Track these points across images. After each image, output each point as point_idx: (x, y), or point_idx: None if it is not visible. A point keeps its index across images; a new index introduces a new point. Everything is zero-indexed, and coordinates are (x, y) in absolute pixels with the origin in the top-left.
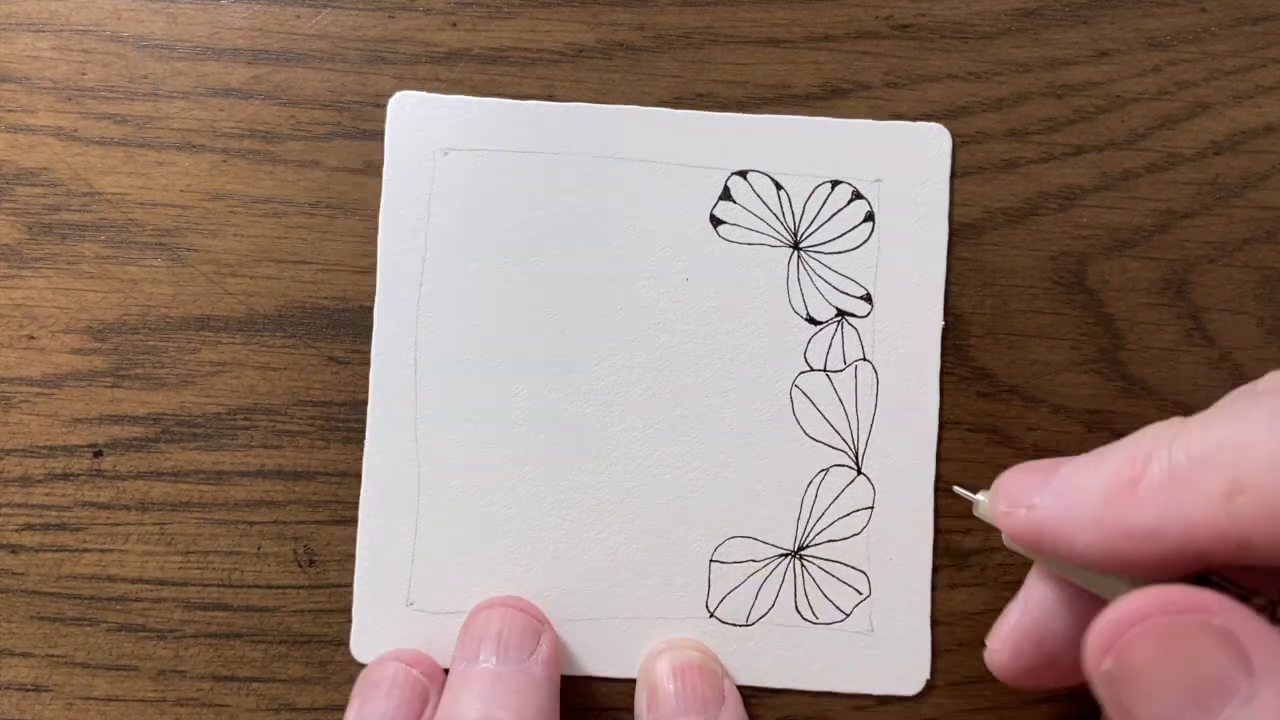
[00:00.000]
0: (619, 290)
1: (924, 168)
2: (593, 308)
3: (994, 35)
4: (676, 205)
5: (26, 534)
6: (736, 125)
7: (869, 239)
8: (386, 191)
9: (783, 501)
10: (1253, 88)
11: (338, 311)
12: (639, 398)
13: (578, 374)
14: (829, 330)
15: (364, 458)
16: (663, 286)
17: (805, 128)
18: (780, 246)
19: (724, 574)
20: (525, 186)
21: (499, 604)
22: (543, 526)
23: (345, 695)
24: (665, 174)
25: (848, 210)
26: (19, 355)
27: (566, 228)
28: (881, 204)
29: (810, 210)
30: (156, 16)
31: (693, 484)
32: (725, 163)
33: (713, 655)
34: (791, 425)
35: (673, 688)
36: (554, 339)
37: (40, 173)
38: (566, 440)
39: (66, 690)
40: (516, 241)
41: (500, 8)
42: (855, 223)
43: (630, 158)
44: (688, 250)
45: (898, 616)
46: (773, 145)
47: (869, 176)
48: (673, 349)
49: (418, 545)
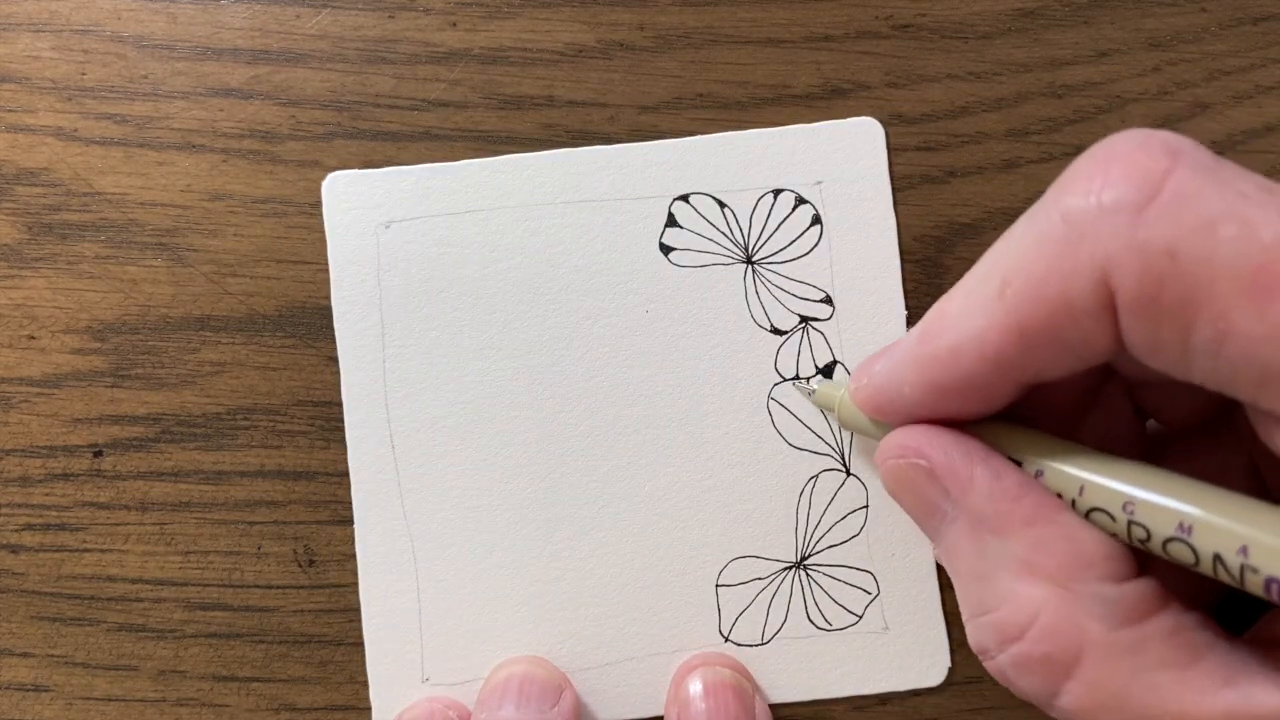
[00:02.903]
0: (581, 333)
1: (862, 163)
2: (558, 355)
3: (994, 35)
4: (625, 239)
5: (26, 534)
6: (672, 151)
7: (820, 242)
8: (335, 276)
9: (778, 515)
10: (1253, 88)
11: None
12: (619, 436)
13: (554, 423)
14: (795, 338)
15: (355, 540)
16: (624, 322)
17: (740, 142)
18: (734, 263)
19: (732, 597)
20: (471, 246)
21: (520, 660)
22: (545, 580)
23: (345, 695)
24: (609, 210)
25: (794, 217)
26: (19, 355)
27: (519, 280)
28: (826, 205)
29: (757, 222)
30: (156, 16)
31: (686, 513)
32: (666, 189)
33: (745, 673)
34: (774, 438)
35: (704, 706)
36: (524, 392)
37: (40, 173)
38: (554, 491)
39: (66, 690)
40: (472, 302)
41: (500, 8)
42: (803, 228)
43: (571, 200)
44: (643, 282)
45: (910, 610)
46: (710, 164)
47: (809, 180)
48: (644, 382)
49: (424, 620)
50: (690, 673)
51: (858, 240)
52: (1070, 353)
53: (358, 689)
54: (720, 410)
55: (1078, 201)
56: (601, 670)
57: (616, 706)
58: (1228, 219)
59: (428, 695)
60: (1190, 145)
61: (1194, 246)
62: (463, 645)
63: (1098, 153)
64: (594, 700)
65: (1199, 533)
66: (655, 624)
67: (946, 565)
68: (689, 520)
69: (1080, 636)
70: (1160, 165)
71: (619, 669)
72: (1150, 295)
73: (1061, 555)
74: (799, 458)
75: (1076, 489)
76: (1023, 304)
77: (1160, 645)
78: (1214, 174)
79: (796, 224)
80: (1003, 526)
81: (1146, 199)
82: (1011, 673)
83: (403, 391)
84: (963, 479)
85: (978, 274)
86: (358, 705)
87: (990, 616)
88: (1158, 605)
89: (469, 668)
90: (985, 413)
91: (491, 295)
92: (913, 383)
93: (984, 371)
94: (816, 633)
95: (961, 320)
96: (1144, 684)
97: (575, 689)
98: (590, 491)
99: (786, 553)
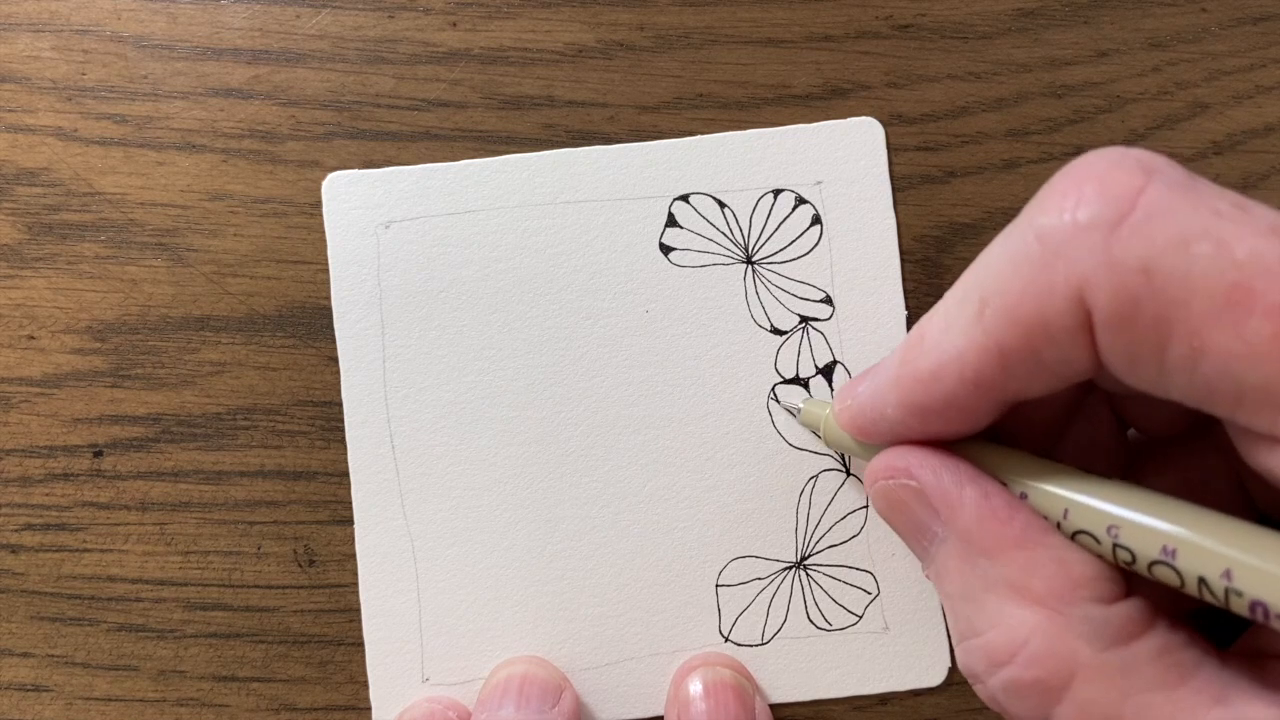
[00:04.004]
0: (582, 333)
1: (862, 163)
2: (558, 355)
3: (994, 35)
4: (625, 239)
5: (26, 534)
6: (672, 151)
7: (820, 242)
8: (335, 276)
9: (778, 515)
10: (1253, 88)
11: None
12: (618, 436)
13: (554, 423)
14: (795, 338)
15: (356, 542)
16: (624, 322)
17: (740, 142)
18: (733, 263)
19: (732, 597)
20: (470, 246)
21: (520, 661)
22: (544, 580)
23: (345, 695)
24: (609, 210)
25: (794, 217)
26: (19, 355)
27: (519, 280)
28: (826, 205)
29: (757, 222)
30: (156, 16)
31: (686, 513)
32: (666, 189)
33: (745, 673)
34: (774, 438)
35: (704, 706)
36: (524, 391)
37: (40, 173)
38: (554, 491)
39: (66, 690)
40: (472, 302)
41: (500, 8)
42: (803, 228)
43: (571, 200)
44: (643, 282)
45: (910, 610)
46: (710, 164)
47: (809, 180)
48: (644, 382)
49: (424, 621)
50: (690, 673)
51: (858, 240)
52: (1049, 372)
53: (358, 689)
54: (720, 411)
55: (1052, 220)
56: (601, 670)
57: (616, 706)
58: (1202, 236)
59: (427, 695)
60: (1164, 162)
61: (1168, 264)
62: (463, 645)
63: (1071, 171)
64: (594, 700)
65: (1183, 555)
66: (655, 624)
67: (936, 586)
68: (689, 520)
69: (1071, 660)
70: (1134, 182)
71: (619, 669)
72: (1125, 314)
73: (1051, 578)
74: (799, 457)
75: (1061, 512)
76: (1000, 325)
77: (1150, 666)
78: (1188, 191)
79: (797, 224)
80: (992, 548)
81: (1120, 216)
82: (1002, 697)
83: (403, 391)
84: (952, 500)
85: (956, 294)
86: (358, 705)
87: (980, 640)
88: (1146, 625)
89: (469, 668)
90: (968, 432)
91: (492, 295)
92: (895, 404)
93: (965, 392)
94: (816, 633)
95: (941, 342)
96: (1136, 705)
97: (575, 689)
98: (590, 491)
99: (786, 553)
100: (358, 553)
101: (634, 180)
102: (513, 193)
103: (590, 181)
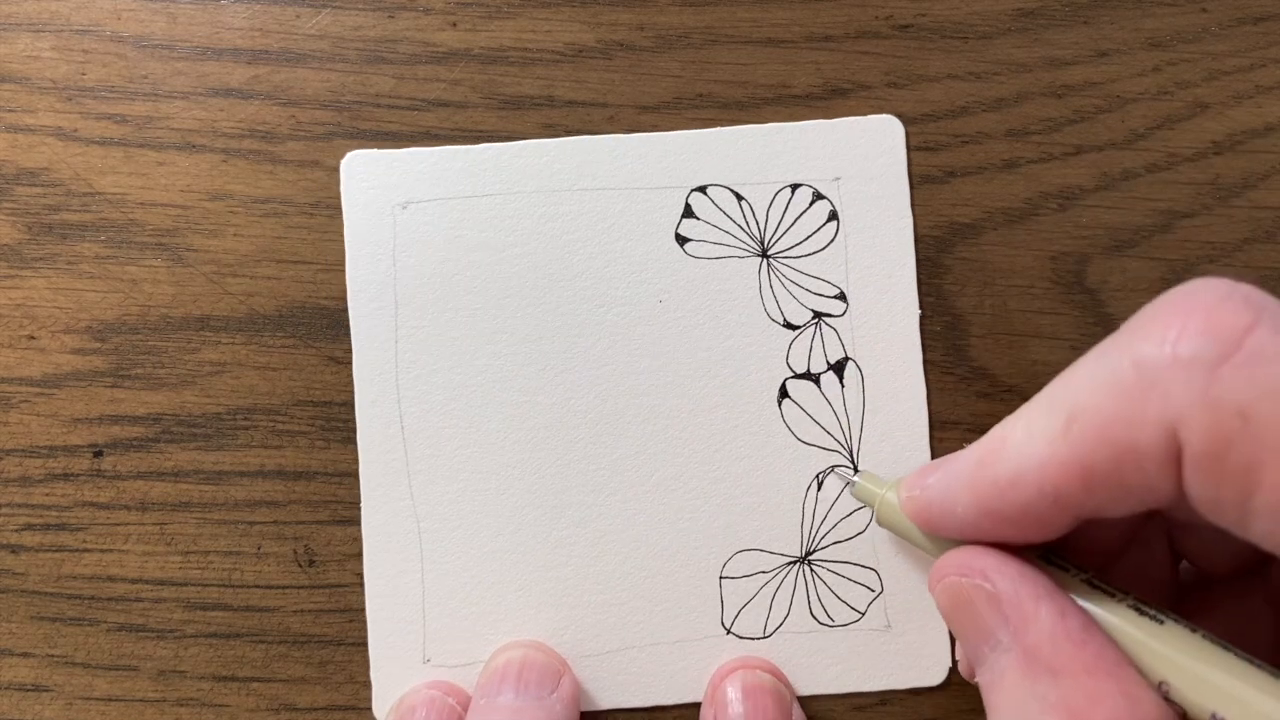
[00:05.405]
0: (594, 321)
1: (881, 160)
2: (570, 342)
3: (994, 35)
4: (641, 228)
5: (26, 534)
6: (691, 142)
7: (835, 238)
8: (350, 254)
9: (784, 509)
10: (1253, 88)
11: (338, 311)
12: (628, 425)
13: (564, 409)
14: (808, 333)
15: (361, 520)
16: (637, 311)
17: (760, 135)
18: (749, 256)
19: (736, 589)
20: (487, 230)
21: (519, 645)
22: (549, 566)
23: (345, 695)
24: (625, 199)
25: (811, 212)
26: (19, 355)
27: (534, 265)
28: (843, 202)
29: (774, 216)
30: (156, 16)
31: (692, 503)
32: (684, 180)
33: (784, 679)
34: (783, 432)
35: (742, 709)
36: (535, 377)
37: (40, 173)
38: (561, 477)
39: (66, 690)
40: (485, 285)
41: (500, 8)
42: (820, 223)
43: (588, 188)
44: (657, 272)
45: (913, 608)
46: (729, 157)
47: (828, 176)
48: (655, 372)
49: (427, 601)
50: (729, 675)
51: (874, 238)
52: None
53: (358, 689)
54: (729, 403)
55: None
56: (602, 658)
57: (616, 694)
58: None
59: (428, 680)
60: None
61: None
62: (465, 628)
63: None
64: (594, 687)
65: None
66: (657, 614)
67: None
68: (695, 511)
69: None
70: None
71: (620, 657)
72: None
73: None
74: (807, 452)
75: None
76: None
77: None
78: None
79: (813, 219)
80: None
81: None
82: None
83: (414, 372)
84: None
85: (1041, 404)
86: (358, 705)
87: None
88: None
89: (470, 650)
90: (1036, 541)
91: (506, 279)
92: (967, 504)
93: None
94: (818, 628)
95: (1024, 450)
96: None
97: (574, 675)
98: (597, 479)
99: (791, 547)
100: (363, 531)
101: (652, 170)
102: (531, 178)
103: (608, 170)
